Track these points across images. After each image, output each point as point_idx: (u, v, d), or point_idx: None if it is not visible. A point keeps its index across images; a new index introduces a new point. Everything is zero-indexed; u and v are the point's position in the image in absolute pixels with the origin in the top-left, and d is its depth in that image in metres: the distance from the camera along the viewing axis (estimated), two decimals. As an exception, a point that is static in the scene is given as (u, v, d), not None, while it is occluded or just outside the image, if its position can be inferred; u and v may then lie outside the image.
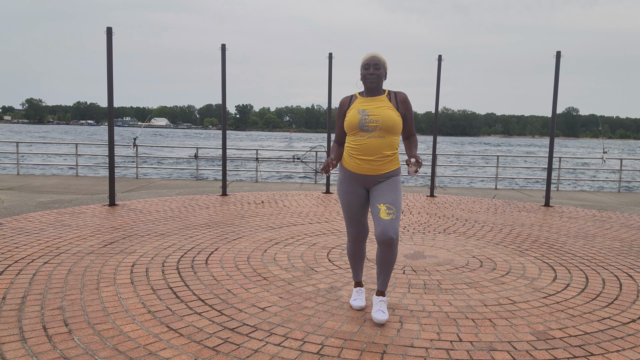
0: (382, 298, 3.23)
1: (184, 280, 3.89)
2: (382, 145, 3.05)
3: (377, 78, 3.10)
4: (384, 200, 3.06)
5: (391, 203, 3.05)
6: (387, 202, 3.05)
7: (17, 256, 4.40)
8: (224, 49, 8.27)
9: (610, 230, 6.38)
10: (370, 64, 3.10)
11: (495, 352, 2.80)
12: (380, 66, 3.11)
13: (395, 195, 3.09)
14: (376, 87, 3.12)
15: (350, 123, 3.09)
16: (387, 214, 3.03)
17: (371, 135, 3.04)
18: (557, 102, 8.20)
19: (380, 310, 3.17)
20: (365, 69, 3.11)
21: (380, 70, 3.10)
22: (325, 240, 5.40)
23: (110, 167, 7.49)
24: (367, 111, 3.07)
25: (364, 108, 3.09)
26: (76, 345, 2.73)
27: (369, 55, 3.15)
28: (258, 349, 2.75)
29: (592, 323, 3.26)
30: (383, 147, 3.05)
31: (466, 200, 8.95)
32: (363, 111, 3.08)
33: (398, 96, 3.15)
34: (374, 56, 3.13)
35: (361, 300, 3.41)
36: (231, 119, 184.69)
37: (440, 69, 8.82)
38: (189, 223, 6.05)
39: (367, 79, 3.11)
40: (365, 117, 3.05)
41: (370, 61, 3.11)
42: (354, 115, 3.09)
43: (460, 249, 5.16)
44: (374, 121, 3.03)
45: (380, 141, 3.04)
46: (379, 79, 3.11)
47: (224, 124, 8.68)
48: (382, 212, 3.04)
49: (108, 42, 7.01)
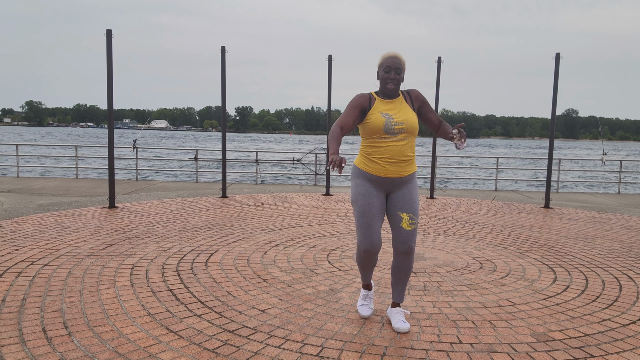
0: (399, 309, 3.19)
1: (183, 283, 3.89)
2: (406, 147, 2.99)
3: (397, 84, 3.00)
4: (407, 210, 3.02)
5: (414, 213, 3.03)
6: (410, 212, 3.02)
7: (16, 258, 4.39)
8: (224, 51, 8.28)
9: (610, 232, 6.38)
10: (391, 68, 2.96)
11: (495, 353, 2.80)
12: (401, 70, 2.99)
13: (417, 204, 3.06)
14: (395, 92, 3.02)
15: (375, 126, 2.95)
16: (409, 224, 3.01)
17: (398, 138, 2.95)
18: (556, 104, 8.21)
19: (401, 320, 3.12)
20: (385, 72, 2.97)
21: (400, 74, 2.99)
22: (325, 242, 5.40)
23: (110, 169, 7.49)
24: (390, 114, 2.97)
25: (386, 111, 2.98)
26: (76, 347, 2.72)
27: (389, 56, 2.99)
28: (258, 351, 2.75)
29: (592, 325, 3.26)
30: (407, 149, 2.99)
31: (466, 202, 8.95)
32: (386, 114, 2.96)
33: (412, 95, 3.09)
34: (396, 58, 2.98)
35: (368, 308, 3.30)
36: (231, 121, 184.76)
37: (439, 71, 8.83)
38: (189, 225, 6.05)
39: (387, 84, 2.98)
40: (390, 120, 2.94)
41: (392, 64, 2.96)
42: (379, 119, 2.95)
43: (460, 251, 5.16)
44: (399, 124, 2.94)
45: (405, 143, 2.98)
46: (398, 84, 3.01)
47: (223, 126, 8.68)
48: (405, 222, 3.01)
49: (108, 45, 7.02)
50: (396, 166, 2.99)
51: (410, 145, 3.01)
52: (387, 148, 2.97)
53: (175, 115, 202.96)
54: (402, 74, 3.01)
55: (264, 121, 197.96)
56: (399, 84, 3.02)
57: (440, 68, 8.83)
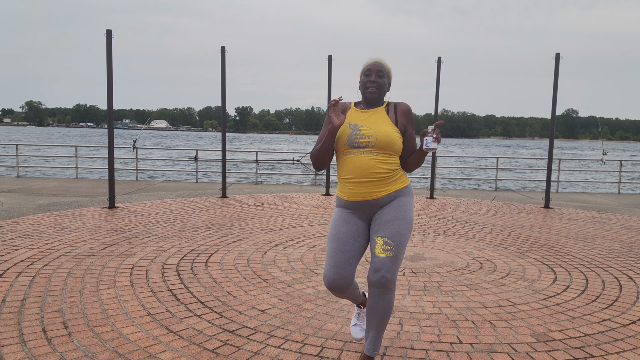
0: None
1: (183, 283, 3.89)
2: (374, 163, 2.48)
3: (379, 88, 2.56)
4: (382, 233, 2.47)
5: (390, 237, 2.45)
6: (385, 236, 2.45)
7: (16, 259, 4.39)
8: (224, 51, 8.28)
9: (610, 232, 6.38)
10: (372, 70, 2.57)
11: (495, 353, 2.80)
12: (384, 74, 2.59)
13: (398, 227, 2.48)
14: (377, 98, 2.58)
15: (338, 139, 2.54)
16: (382, 250, 2.42)
17: (362, 152, 2.49)
18: (556, 104, 8.21)
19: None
20: (365, 75, 2.58)
21: (383, 78, 2.58)
22: (325, 242, 5.40)
23: (110, 170, 7.49)
24: (359, 125, 2.53)
25: (355, 122, 2.55)
26: (76, 347, 2.72)
27: (371, 60, 2.62)
28: (258, 351, 2.75)
29: (592, 325, 3.26)
30: (376, 165, 2.49)
31: (466, 202, 8.95)
32: (354, 125, 2.54)
33: (398, 107, 2.61)
34: (377, 62, 2.60)
35: (361, 330, 2.81)
36: (231, 121, 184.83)
37: (439, 71, 8.84)
38: (189, 225, 6.05)
39: (367, 87, 2.57)
40: (356, 133, 2.50)
41: (373, 67, 2.58)
42: (344, 130, 2.53)
43: (460, 251, 5.16)
44: (365, 137, 2.49)
45: (373, 160, 2.48)
46: (381, 88, 2.57)
47: (223, 127, 8.69)
48: (377, 247, 2.45)
49: (108, 45, 7.02)
50: (365, 187, 2.50)
51: (383, 160, 2.50)
52: (351, 164, 2.51)
53: (175, 116, 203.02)
54: (385, 78, 2.60)
55: (264, 121, 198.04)
56: (381, 89, 2.59)
57: (440, 68, 8.83)
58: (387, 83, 2.63)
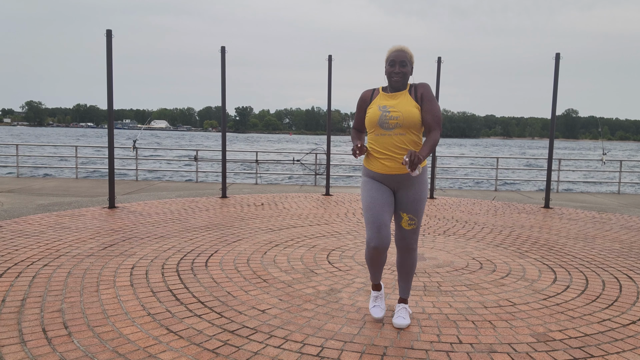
0: (404, 305, 3.22)
1: (183, 283, 3.89)
2: (404, 142, 2.91)
3: (403, 76, 2.95)
4: (408, 211, 3.04)
5: (414, 214, 3.04)
6: (410, 213, 3.04)
7: (16, 259, 4.39)
8: (224, 51, 8.28)
9: (610, 232, 6.38)
10: (395, 61, 2.93)
11: (495, 354, 2.80)
12: (407, 63, 2.94)
13: (420, 205, 3.05)
14: (401, 84, 2.97)
15: (370, 120, 2.97)
16: (408, 225, 3.07)
17: (392, 133, 2.90)
18: (556, 104, 8.21)
19: (400, 316, 3.15)
20: (390, 66, 2.95)
21: (406, 67, 2.94)
22: (325, 242, 5.40)
23: (110, 170, 7.50)
24: (387, 107, 2.93)
25: (385, 104, 2.95)
26: (76, 347, 2.72)
27: (394, 50, 2.96)
28: (258, 351, 2.75)
29: (592, 325, 3.26)
30: (405, 144, 2.91)
31: (466, 202, 8.95)
32: (384, 107, 2.94)
33: (418, 89, 2.97)
34: (401, 51, 2.94)
35: (381, 309, 3.23)
36: (231, 121, 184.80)
37: (439, 71, 8.84)
38: (189, 225, 6.05)
39: (391, 77, 2.95)
40: (386, 114, 2.91)
41: (396, 57, 2.93)
42: (375, 112, 2.95)
43: (460, 251, 5.16)
44: (394, 117, 2.89)
45: (402, 138, 2.90)
46: (404, 77, 2.95)
47: (223, 127, 8.69)
48: (404, 222, 3.07)
49: (108, 45, 7.02)
50: (395, 162, 2.93)
51: (410, 140, 2.92)
52: (383, 143, 2.94)
53: (175, 116, 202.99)
54: (407, 67, 2.95)
55: (264, 121, 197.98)
56: (405, 77, 2.96)
57: (440, 68, 8.83)
58: (410, 69, 2.99)
